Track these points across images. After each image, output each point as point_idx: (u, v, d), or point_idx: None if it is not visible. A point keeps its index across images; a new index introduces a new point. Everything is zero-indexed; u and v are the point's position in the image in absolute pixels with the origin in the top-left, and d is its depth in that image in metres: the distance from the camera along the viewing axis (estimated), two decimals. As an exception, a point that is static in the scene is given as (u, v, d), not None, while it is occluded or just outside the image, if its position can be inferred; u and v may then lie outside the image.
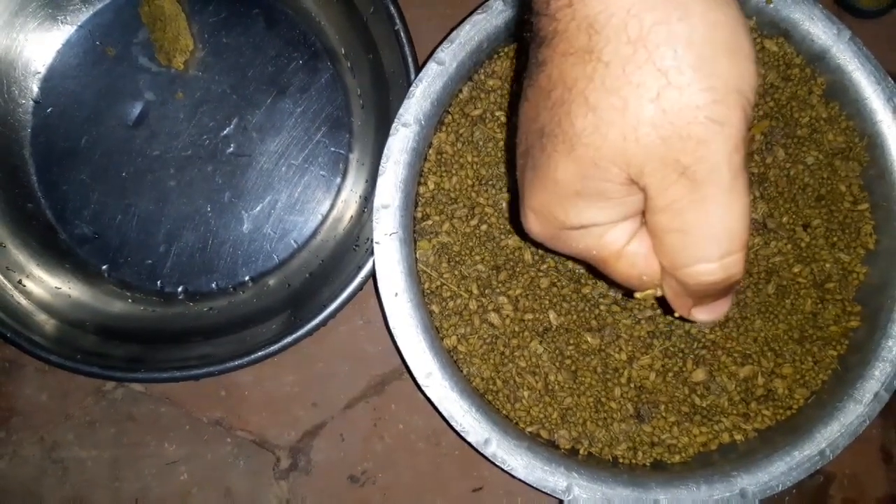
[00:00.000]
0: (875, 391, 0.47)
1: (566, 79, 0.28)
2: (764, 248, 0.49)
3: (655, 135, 0.27)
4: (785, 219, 0.49)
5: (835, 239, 0.50)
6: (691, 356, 0.48)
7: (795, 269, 0.49)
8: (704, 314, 0.33)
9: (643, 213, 0.31)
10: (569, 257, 0.42)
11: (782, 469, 0.46)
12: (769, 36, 0.49)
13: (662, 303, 0.33)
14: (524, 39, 0.33)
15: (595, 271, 0.34)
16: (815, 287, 0.49)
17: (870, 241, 0.50)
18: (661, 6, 0.26)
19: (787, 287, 0.49)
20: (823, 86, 0.50)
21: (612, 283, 0.36)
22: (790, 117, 0.49)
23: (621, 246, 0.32)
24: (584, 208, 0.30)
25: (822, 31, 0.48)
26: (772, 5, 0.48)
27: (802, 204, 0.49)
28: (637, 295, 0.34)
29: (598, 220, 0.31)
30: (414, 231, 0.49)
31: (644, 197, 0.29)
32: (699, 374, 0.48)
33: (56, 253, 0.58)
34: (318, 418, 0.58)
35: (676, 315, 0.33)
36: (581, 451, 0.48)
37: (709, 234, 0.28)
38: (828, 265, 0.49)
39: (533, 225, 0.33)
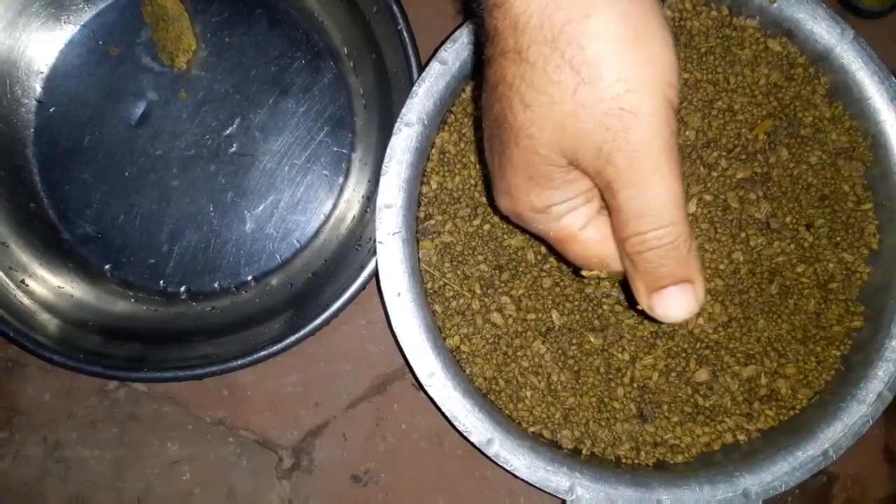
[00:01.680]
0: (878, 391, 0.47)
1: (506, 76, 0.31)
2: (767, 248, 0.49)
3: (579, 127, 0.29)
4: (788, 219, 0.49)
5: (838, 239, 0.50)
6: (694, 356, 0.48)
7: (799, 269, 0.49)
8: (661, 305, 0.33)
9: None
10: (537, 238, 0.44)
11: (785, 469, 0.46)
12: (773, 36, 0.49)
13: (628, 296, 0.36)
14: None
15: (553, 250, 0.38)
16: (819, 287, 0.49)
17: (873, 240, 0.49)
18: (569, 5, 0.28)
19: (790, 287, 0.49)
20: (827, 85, 0.49)
21: (565, 261, 0.39)
22: (794, 117, 0.49)
23: (577, 229, 0.35)
24: (539, 191, 0.33)
25: (825, 31, 0.48)
26: (775, 5, 0.48)
27: (806, 204, 0.49)
28: (584, 273, 0.38)
29: (554, 200, 0.33)
30: (417, 231, 0.49)
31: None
32: (702, 375, 0.48)
33: (59, 252, 0.58)
34: (321, 418, 0.58)
35: (638, 306, 0.35)
36: (584, 451, 0.48)
37: (638, 212, 0.30)
38: (831, 265, 0.49)
39: (503, 204, 0.36)
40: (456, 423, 0.46)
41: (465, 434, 0.46)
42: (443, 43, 0.47)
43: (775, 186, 0.49)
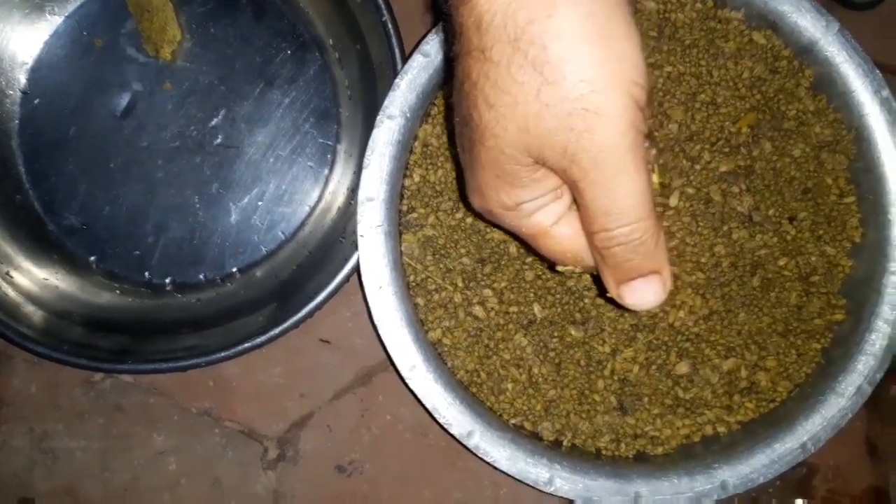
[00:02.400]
0: (858, 384, 0.47)
1: (471, 75, 0.30)
2: (749, 241, 0.49)
3: (543, 127, 0.29)
4: (771, 211, 0.49)
5: (821, 232, 0.50)
6: (675, 349, 0.48)
7: (781, 262, 0.49)
8: (629, 294, 0.35)
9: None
10: (510, 234, 0.45)
11: (763, 462, 0.46)
12: (757, 28, 0.49)
13: (600, 286, 0.36)
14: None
15: (527, 245, 0.38)
16: (801, 280, 0.49)
17: (856, 234, 0.50)
18: (533, 4, 0.28)
19: (772, 280, 0.49)
20: (811, 78, 0.49)
21: (540, 257, 0.39)
22: (777, 110, 0.49)
23: (549, 225, 0.35)
24: (509, 190, 0.33)
25: (810, 24, 0.48)
26: (759, -3, 0.48)
27: (789, 197, 0.49)
28: (558, 268, 0.38)
29: (521, 198, 0.33)
30: (400, 224, 0.49)
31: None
32: (682, 367, 0.48)
33: (44, 244, 0.58)
34: (306, 409, 0.58)
35: (608, 294, 0.36)
36: (565, 443, 0.49)
37: (604, 210, 0.31)
38: (813, 258, 0.49)
39: (475, 202, 0.36)
40: (437, 416, 0.46)
41: (446, 426, 0.46)
42: (426, 35, 0.47)
43: (758, 179, 0.49)
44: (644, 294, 0.34)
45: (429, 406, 0.46)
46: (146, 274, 0.58)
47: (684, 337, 0.48)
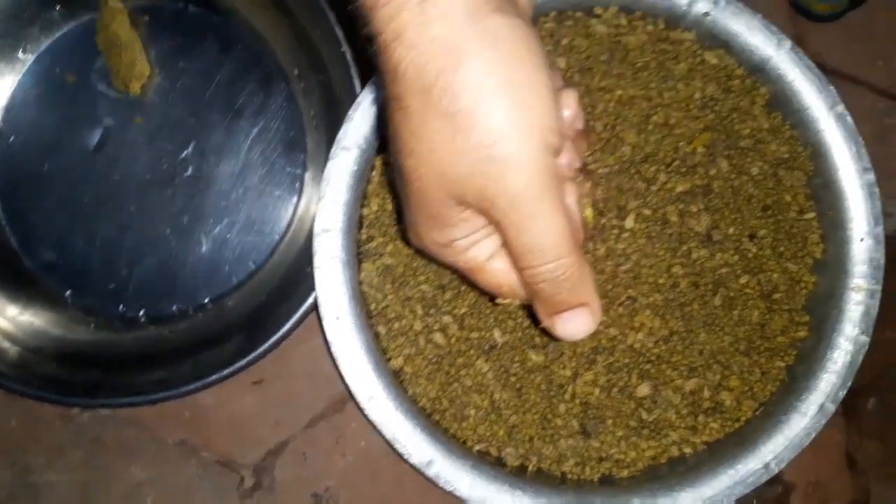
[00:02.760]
0: (820, 403, 0.47)
1: (393, 121, 0.31)
2: (709, 260, 0.49)
3: (461, 172, 0.30)
4: (731, 230, 0.49)
5: (782, 249, 0.49)
6: (636, 371, 0.48)
7: (742, 280, 0.49)
8: (560, 326, 0.36)
9: None
10: (448, 268, 0.44)
11: (726, 483, 0.46)
12: (710, 48, 0.49)
13: (532, 316, 0.37)
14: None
15: (468, 281, 0.38)
16: (763, 298, 0.49)
17: (817, 250, 0.49)
18: (442, 55, 0.28)
19: (734, 298, 0.49)
20: (766, 96, 0.49)
21: (480, 291, 0.40)
22: (732, 129, 0.49)
23: (483, 261, 0.36)
24: (440, 229, 0.34)
25: (761, 42, 0.48)
26: (709, 17, 0.48)
27: (748, 215, 0.49)
28: (498, 300, 0.39)
29: (453, 237, 0.34)
30: (359, 253, 0.49)
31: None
32: (644, 389, 0.48)
33: (21, 280, 0.59)
34: (281, 437, 0.59)
35: (540, 325, 0.37)
36: (530, 468, 0.48)
37: (527, 249, 0.32)
38: (775, 275, 0.49)
39: (412, 240, 0.37)
40: (396, 446, 0.46)
41: (405, 456, 0.46)
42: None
43: (717, 198, 0.49)
44: (573, 325, 0.36)
45: (388, 436, 0.46)
46: (120, 307, 0.59)
47: (645, 358, 0.48)
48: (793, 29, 0.60)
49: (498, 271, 0.36)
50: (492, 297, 0.39)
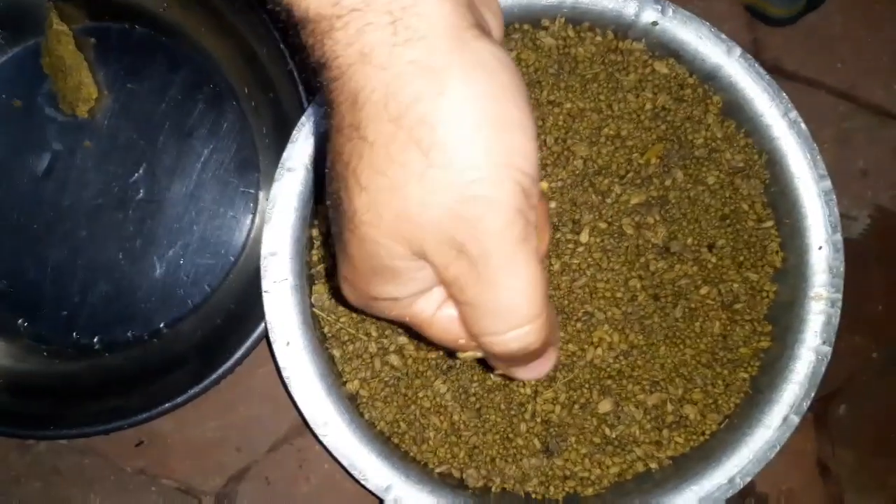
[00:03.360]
0: (784, 415, 0.46)
1: (342, 155, 0.27)
2: (668, 272, 0.48)
3: (426, 215, 0.26)
4: (689, 240, 0.48)
5: (741, 258, 0.49)
6: (597, 387, 0.47)
7: (703, 291, 0.48)
8: (522, 373, 0.32)
9: None
10: (396, 324, 0.42)
11: (691, 499, 0.45)
12: (660, 58, 0.48)
13: (484, 362, 0.33)
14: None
15: (420, 336, 0.33)
16: (724, 308, 0.48)
17: (776, 258, 0.49)
18: (420, 81, 0.25)
19: (695, 310, 0.48)
20: (720, 104, 0.49)
21: (436, 346, 0.35)
22: (685, 139, 0.48)
23: (431, 313, 0.31)
24: (382, 284, 0.29)
25: (710, 50, 0.47)
26: (658, 27, 0.47)
27: (706, 224, 0.48)
28: (459, 355, 0.33)
29: (399, 294, 0.30)
30: (310, 275, 0.48)
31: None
32: (606, 405, 0.47)
33: (-30, 310, 0.57)
34: (243, 462, 0.58)
35: (497, 372, 0.33)
36: (493, 489, 0.48)
37: (492, 310, 0.28)
38: (735, 285, 0.48)
39: (347, 295, 0.32)
40: (352, 471, 0.45)
41: (362, 481, 0.45)
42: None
43: (674, 209, 0.48)
44: (537, 371, 0.32)
45: (343, 462, 0.45)
46: (74, 334, 0.57)
47: (605, 374, 0.47)
48: (750, 34, 0.60)
49: (450, 322, 0.31)
50: (449, 352, 0.36)
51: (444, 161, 0.25)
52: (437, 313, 0.31)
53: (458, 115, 0.25)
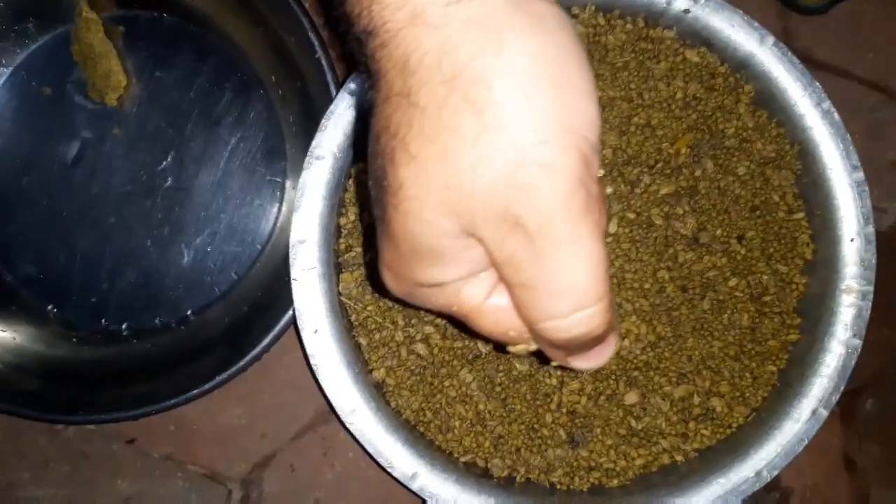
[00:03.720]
0: (813, 408, 0.46)
1: (389, 125, 0.26)
2: (697, 263, 0.48)
3: (479, 184, 0.24)
4: (718, 231, 0.48)
5: (771, 250, 0.48)
6: (623, 378, 0.47)
7: (731, 283, 0.48)
8: (581, 362, 0.29)
9: None
10: (443, 315, 0.41)
11: (718, 492, 0.45)
12: (691, 46, 0.48)
13: (539, 351, 0.30)
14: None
15: (468, 329, 0.31)
16: (753, 300, 0.48)
17: (807, 250, 0.48)
18: (476, 40, 0.24)
19: (723, 302, 0.48)
20: (752, 94, 0.48)
21: (485, 339, 0.33)
22: (716, 128, 0.48)
23: (481, 301, 0.29)
24: (427, 267, 0.27)
25: (743, 39, 0.47)
26: (690, 14, 0.46)
27: (736, 216, 0.48)
28: (510, 349, 0.31)
29: (446, 278, 0.28)
30: (338, 263, 0.48)
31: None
32: (632, 396, 0.47)
33: (2, 296, 0.58)
34: (268, 449, 0.58)
35: (554, 363, 0.31)
36: (518, 479, 0.48)
37: (553, 290, 0.25)
38: (765, 277, 0.48)
39: (389, 282, 0.30)
40: (378, 459, 0.45)
41: (388, 469, 0.45)
42: (350, 73, 0.46)
43: (703, 199, 0.48)
44: (599, 359, 0.29)
45: (370, 450, 0.45)
46: (103, 321, 0.58)
47: (632, 365, 0.47)
48: (781, 23, 0.59)
49: (501, 312, 0.29)
50: (499, 346, 0.33)
51: (500, 123, 0.24)
52: (486, 302, 0.29)
53: (517, 74, 0.24)
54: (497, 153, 0.24)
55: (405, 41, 0.24)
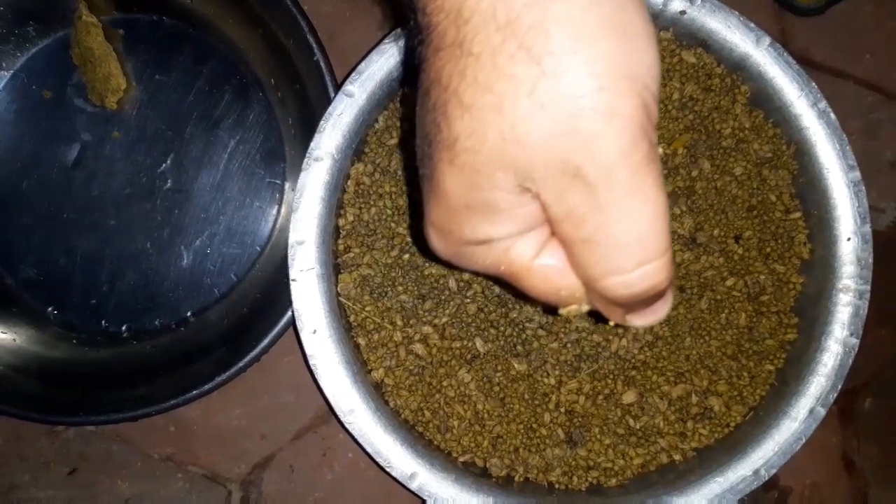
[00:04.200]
0: (810, 407, 0.46)
1: (441, 78, 0.25)
2: (695, 263, 0.48)
3: (536, 133, 0.23)
4: (716, 231, 0.48)
5: (768, 250, 0.48)
6: (621, 377, 0.47)
7: (729, 283, 0.48)
8: (640, 319, 0.29)
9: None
10: (489, 277, 0.41)
11: (716, 490, 0.45)
12: (687, 47, 0.48)
13: (594, 311, 0.30)
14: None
15: (516, 291, 0.30)
16: (750, 300, 0.48)
17: (804, 250, 0.48)
18: None
19: (721, 301, 0.48)
20: (748, 94, 0.48)
21: (533, 301, 0.32)
22: (713, 129, 0.48)
23: (530, 259, 0.28)
24: (479, 223, 0.27)
25: (739, 39, 0.47)
26: (686, 16, 0.47)
27: (733, 216, 0.48)
28: (561, 311, 0.30)
29: (498, 234, 0.27)
30: (337, 264, 0.48)
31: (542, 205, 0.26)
32: (630, 396, 0.47)
33: (2, 298, 0.58)
34: (268, 450, 0.58)
35: (612, 324, 0.30)
36: (517, 479, 0.48)
37: (618, 244, 0.25)
38: (762, 277, 0.48)
39: (435, 242, 0.29)
40: (377, 459, 0.45)
41: (387, 469, 0.45)
42: (348, 75, 0.47)
43: (700, 199, 0.48)
44: (657, 315, 0.28)
45: (369, 450, 0.45)
46: (103, 322, 0.58)
47: (630, 364, 0.47)
48: (778, 24, 0.59)
49: (553, 270, 0.28)
50: (550, 309, 0.33)
51: (559, 69, 0.23)
52: (536, 261, 0.28)
53: (575, 19, 0.23)
54: (555, 101, 0.23)
55: None
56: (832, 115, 0.46)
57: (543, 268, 0.28)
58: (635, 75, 0.23)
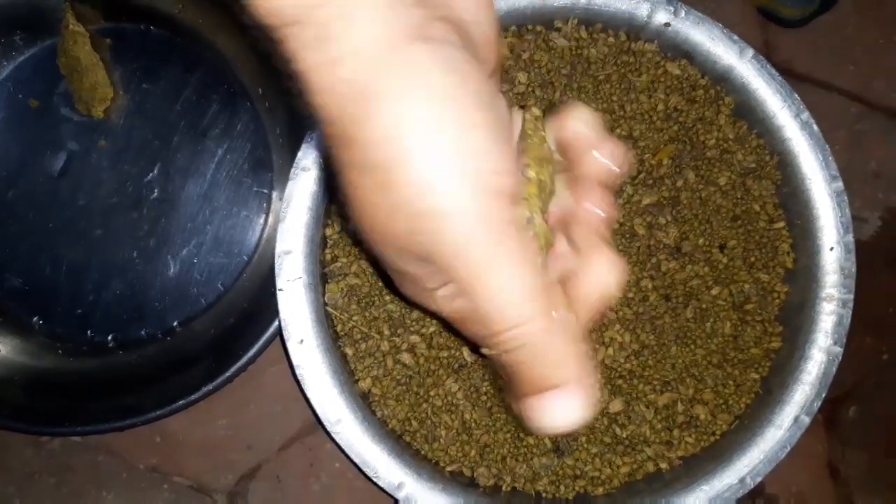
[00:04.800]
0: (795, 415, 0.46)
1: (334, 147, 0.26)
2: (680, 272, 0.48)
3: (396, 233, 0.25)
4: (701, 241, 0.48)
5: (752, 259, 0.49)
6: (608, 387, 0.47)
7: (714, 292, 0.48)
8: (534, 414, 0.27)
9: None
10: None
11: (702, 499, 0.45)
12: (672, 59, 0.48)
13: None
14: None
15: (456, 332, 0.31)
16: (735, 309, 0.48)
17: (788, 259, 0.49)
18: (353, 100, 0.23)
19: (706, 310, 0.48)
20: (731, 105, 0.49)
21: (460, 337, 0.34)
22: (697, 140, 0.48)
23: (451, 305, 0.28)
24: (410, 284, 0.29)
25: (723, 52, 0.47)
26: (670, 28, 0.47)
27: (717, 225, 0.49)
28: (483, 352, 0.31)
29: (431, 286, 0.28)
30: (324, 274, 0.48)
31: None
32: (616, 405, 0.47)
33: (-13, 308, 0.58)
34: (254, 461, 0.58)
35: (512, 413, 0.31)
36: (504, 488, 0.48)
37: (483, 313, 0.25)
38: (747, 286, 0.49)
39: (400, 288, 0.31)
40: (364, 469, 0.45)
41: (374, 479, 0.45)
42: (336, 85, 0.47)
43: (685, 209, 0.48)
44: (550, 414, 0.27)
45: (356, 460, 0.45)
46: (89, 332, 0.58)
47: (616, 374, 0.48)
48: (762, 36, 0.60)
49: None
50: (475, 347, 0.34)
51: (390, 180, 0.24)
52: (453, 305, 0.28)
53: (393, 129, 0.23)
54: (395, 208, 0.24)
55: (309, 97, 0.25)
56: (815, 126, 0.47)
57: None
58: (470, 165, 0.24)
